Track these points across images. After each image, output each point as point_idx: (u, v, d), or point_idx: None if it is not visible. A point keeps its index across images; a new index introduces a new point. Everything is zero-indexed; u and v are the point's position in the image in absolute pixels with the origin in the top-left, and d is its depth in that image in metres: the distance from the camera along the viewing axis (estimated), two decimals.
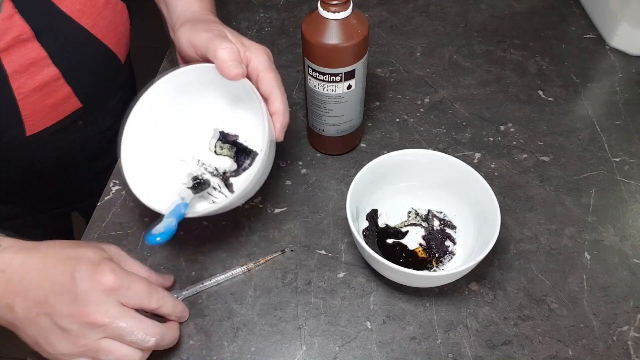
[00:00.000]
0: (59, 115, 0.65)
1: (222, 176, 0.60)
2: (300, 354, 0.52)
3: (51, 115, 0.64)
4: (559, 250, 0.59)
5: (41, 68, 0.59)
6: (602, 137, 0.69)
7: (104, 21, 0.64)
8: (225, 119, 0.61)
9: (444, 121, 0.72)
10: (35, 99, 0.60)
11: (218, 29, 0.55)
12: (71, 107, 0.65)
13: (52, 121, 0.64)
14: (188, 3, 0.61)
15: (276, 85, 0.53)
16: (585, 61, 0.79)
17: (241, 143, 0.61)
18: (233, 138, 0.61)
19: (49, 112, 0.63)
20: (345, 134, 0.65)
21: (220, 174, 0.60)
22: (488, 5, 0.89)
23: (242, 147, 0.61)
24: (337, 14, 0.53)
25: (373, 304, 0.55)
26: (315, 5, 0.55)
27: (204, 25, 0.56)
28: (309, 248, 0.60)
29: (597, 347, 0.52)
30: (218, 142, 0.62)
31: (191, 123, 0.60)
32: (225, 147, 0.61)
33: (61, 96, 0.63)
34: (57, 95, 0.62)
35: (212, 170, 0.60)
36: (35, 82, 0.59)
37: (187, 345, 0.53)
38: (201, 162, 0.61)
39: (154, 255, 0.60)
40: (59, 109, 0.64)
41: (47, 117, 0.63)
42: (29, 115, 0.61)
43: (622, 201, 0.63)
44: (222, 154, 0.61)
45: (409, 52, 0.81)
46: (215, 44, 0.51)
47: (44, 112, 0.62)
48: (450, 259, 0.58)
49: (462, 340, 0.53)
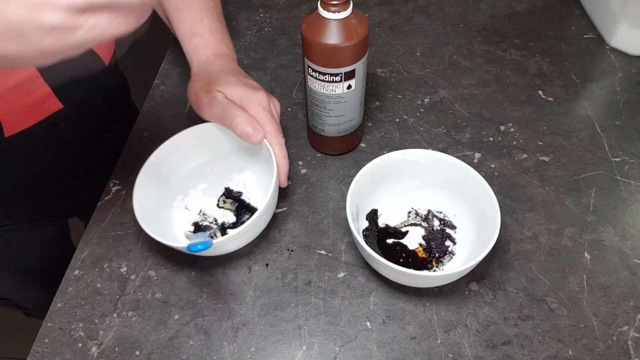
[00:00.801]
0: (39, 115, 0.64)
1: (221, 226, 0.62)
2: (300, 354, 0.52)
3: (30, 116, 0.63)
4: (559, 250, 0.59)
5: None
6: (602, 137, 0.69)
7: None
8: (231, 176, 0.65)
9: (444, 121, 0.72)
10: (12, 98, 0.59)
11: (222, 94, 0.58)
12: (51, 108, 0.65)
13: (31, 122, 0.63)
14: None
15: (275, 139, 0.57)
16: (585, 61, 0.79)
17: (244, 200, 0.64)
18: (237, 194, 0.65)
19: (28, 112, 0.62)
20: (345, 134, 0.65)
21: (219, 225, 0.62)
22: (488, 5, 0.89)
23: (244, 204, 0.64)
24: (337, 14, 0.53)
25: (373, 304, 0.55)
26: (315, 5, 0.55)
27: (208, 87, 0.59)
28: (309, 248, 0.60)
29: (597, 347, 0.52)
30: (222, 197, 0.65)
31: (202, 177, 0.64)
32: (228, 201, 0.64)
33: (40, 96, 0.62)
34: (36, 94, 0.62)
35: (211, 220, 0.63)
36: (12, 81, 0.58)
37: (187, 345, 0.53)
38: (202, 212, 0.63)
39: (154, 256, 0.60)
40: (38, 109, 0.63)
41: (26, 118, 0.62)
42: (7, 115, 0.60)
43: (622, 201, 0.63)
44: (224, 207, 0.64)
45: (409, 52, 0.81)
46: (230, 115, 0.56)
47: (22, 112, 0.61)
48: (450, 259, 0.58)
49: (462, 340, 0.53)
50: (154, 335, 0.54)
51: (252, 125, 0.56)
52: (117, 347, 0.53)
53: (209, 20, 0.66)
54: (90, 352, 0.53)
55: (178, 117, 0.73)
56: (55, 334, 0.55)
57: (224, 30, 0.67)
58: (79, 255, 0.60)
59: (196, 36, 0.65)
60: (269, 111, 0.57)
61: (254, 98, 0.57)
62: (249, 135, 0.55)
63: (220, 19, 0.68)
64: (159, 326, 0.55)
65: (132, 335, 0.54)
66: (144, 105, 0.75)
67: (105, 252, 0.60)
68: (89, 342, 0.54)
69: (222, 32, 0.67)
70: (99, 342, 0.54)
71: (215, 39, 0.65)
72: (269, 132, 0.56)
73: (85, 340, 0.54)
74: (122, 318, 0.55)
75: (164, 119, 0.73)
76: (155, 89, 0.77)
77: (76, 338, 0.54)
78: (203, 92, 0.59)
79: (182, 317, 0.55)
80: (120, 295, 0.57)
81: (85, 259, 0.60)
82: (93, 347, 0.54)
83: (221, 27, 0.67)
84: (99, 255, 0.60)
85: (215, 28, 0.66)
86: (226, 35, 0.67)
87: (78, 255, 0.60)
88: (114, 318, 0.55)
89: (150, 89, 0.78)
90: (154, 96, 0.76)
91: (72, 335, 0.54)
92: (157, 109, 0.75)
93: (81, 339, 0.54)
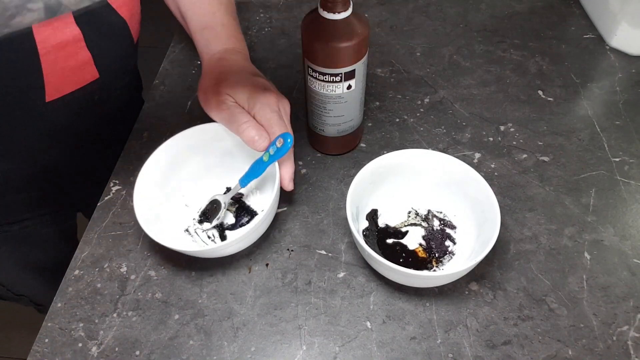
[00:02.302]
0: (78, 82, 0.64)
1: (219, 227, 0.62)
2: (300, 354, 0.52)
3: (71, 81, 0.63)
4: (559, 250, 0.59)
5: (65, 25, 0.59)
6: (602, 137, 0.69)
7: None
8: (232, 176, 0.64)
9: (444, 121, 0.72)
10: (57, 57, 0.60)
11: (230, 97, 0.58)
12: (89, 76, 0.65)
13: (71, 88, 0.64)
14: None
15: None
16: (585, 61, 0.79)
17: (244, 202, 0.64)
18: (238, 196, 0.64)
19: (69, 76, 0.63)
20: (345, 134, 0.65)
21: (217, 226, 0.62)
22: (488, 5, 0.89)
23: (244, 206, 0.64)
24: (337, 14, 0.53)
25: (373, 304, 0.55)
26: (315, 5, 0.55)
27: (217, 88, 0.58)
28: (309, 248, 0.60)
29: (597, 347, 0.52)
30: None
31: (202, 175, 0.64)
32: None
33: (82, 60, 0.63)
34: (78, 58, 0.62)
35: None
36: (57, 39, 0.59)
37: (187, 345, 0.53)
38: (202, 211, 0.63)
39: (154, 255, 0.60)
40: (78, 74, 0.64)
41: (67, 82, 0.63)
42: (50, 75, 0.60)
43: (622, 201, 0.63)
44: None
45: (409, 52, 0.81)
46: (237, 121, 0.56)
47: (65, 75, 0.62)
48: (450, 259, 0.58)
49: (462, 340, 0.53)
50: (154, 335, 0.54)
51: (258, 132, 0.55)
52: (117, 347, 0.53)
53: (221, 14, 0.66)
54: (90, 352, 0.53)
55: (178, 117, 0.73)
56: (55, 334, 0.55)
57: (236, 26, 0.67)
58: (79, 255, 0.60)
59: (207, 30, 0.65)
60: (277, 112, 0.57)
61: (262, 99, 0.56)
62: (254, 142, 0.55)
63: (233, 14, 0.68)
64: (159, 326, 0.55)
65: (132, 335, 0.54)
66: (144, 105, 0.75)
67: (105, 252, 0.60)
68: (89, 342, 0.54)
69: (234, 26, 0.66)
70: (99, 342, 0.54)
71: (226, 33, 0.65)
72: (273, 134, 0.56)
73: (85, 340, 0.54)
74: (122, 318, 0.55)
75: (164, 119, 0.73)
76: (155, 89, 0.77)
77: (76, 338, 0.54)
78: (212, 92, 0.59)
79: (182, 317, 0.55)
80: (121, 295, 0.57)
81: (85, 259, 0.60)
82: (93, 347, 0.54)
83: (233, 21, 0.67)
84: (99, 255, 0.60)
85: (227, 22, 0.66)
86: (238, 30, 0.67)
87: (78, 255, 0.60)
88: (114, 318, 0.55)
89: (150, 89, 0.78)
90: (154, 96, 0.76)
91: (72, 335, 0.54)
92: (157, 109, 0.75)
93: (81, 339, 0.54)
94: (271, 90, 0.58)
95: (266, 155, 0.56)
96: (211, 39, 0.64)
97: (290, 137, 0.54)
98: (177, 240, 0.60)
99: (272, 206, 0.55)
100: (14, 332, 1.45)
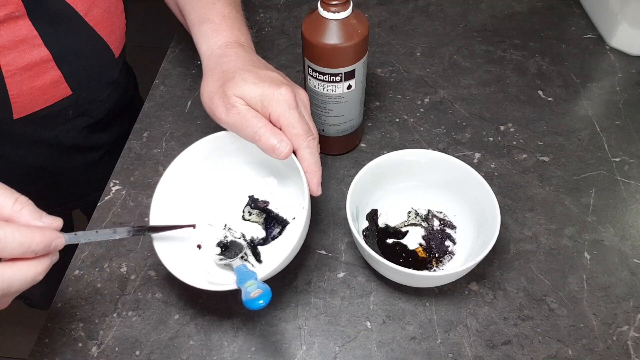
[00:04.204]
0: (48, 100, 0.63)
1: (250, 244, 0.57)
2: (300, 354, 0.52)
3: (40, 99, 0.62)
4: (559, 250, 0.59)
5: (31, 47, 0.58)
6: (602, 137, 0.69)
7: (98, 9, 0.64)
8: (256, 185, 0.59)
9: (444, 121, 0.72)
10: (23, 78, 0.59)
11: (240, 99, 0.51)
12: (61, 93, 0.64)
13: (40, 105, 0.63)
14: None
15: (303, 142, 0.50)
16: (585, 61, 0.79)
17: (272, 210, 0.59)
18: (263, 204, 0.59)
19: (38, 95, 0.62)
20: (345, 134, 0.65)
21: (247, 242, 0.57)
22: (488, 5, 0.89)
23: (272, 215, 0.58)
24: (337, 14, 0.53)
25: (373, 304, 0.55)
26: (315, 5, 0.55)
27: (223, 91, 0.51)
28: (309, 248, 0.60)
29: (597, 347, 0.52)
30: (247, 207, 0.59)
31: (222, 188, 0.59)
32: (254, 212, 0.59)
33: (51, 79, 0.62)
34: (47, 77, 0.61)
35: (238, 236, 0.58)
36: (24, 61, 0.58)
37: (187, 345, 0.53)
38: (228, 226, 0.58)
39: (154, 255, 0.60)
40: (48, 92, 0.62)
41: (36, 101, 0.62)
42: (17, 95, 0.60)
43: (622, 201, 0.63)
44: (250, 220, 0.59)
45: (409, 52, 0.81)
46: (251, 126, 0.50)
47: (33, 94, 0.61)
48: (450, 259, 0.58)
49: (462, 340, 0.53)
50: (154, 335, 0.54)
51: (278, 137, 0.49)
52: (117, 347, 0.54)
53: (221, 4, 0.59)
54: (90, 352, 0.53)
55: (178, 117, 0.73)
56: (55, 334, 0.55)
57: (238, 17, 0.60)
58: (79, 255, 0.60)
59: (206, 22, 0.58)
60: (295, 108, 0.50)
61: (276, 96, 0.50)
62: (275, 149, 0.49)
63: (236, 5, 0.62)
64: (159, 326, 0.55)
65: (132, 335, 0.54)
66: (144, 105, 0.75)
67: (105, 252, 0.60)
68: (89, 342, 0.54)
69: (235, 17, 0.59)
70: (99, 342, 0.54)
71: (227, 25, 0.57)
72: (295, 135, 0.50)
73: (85, 340, 0.54)
74: (122, 318, 0.55)
75: (164, 119, 0.73)
76: (155, 89, 0.77)
77: (76, 338, 0.54)
78: (218, 96, 0.51)
79: (182, 317, 0.55)
80: (121, 295, 0.57)
81: (85, 259, 0.60)
82: (93, 347, 0.54)
83: (235, 12, 0.60)
84: (99, 255, 0.60)
85: (227, 13, 0.59)
86: (241, 21, 0.60)
87: (78, 255, 0.60)
88: (114, 318, 0.55)
89: (150, 89, 0.78)
90: (154, 96, 0.76)
91: (72, 335, 0.54)
92: (157, 109, 0.75)
93: (81, 339, 0.54)
94: (284, 83, 0.51)
95: (252, 286, 0.46)
96: (210, 32, 0.57)
97: (268, 296, 0.44)
98: (206, 271, 0.54)
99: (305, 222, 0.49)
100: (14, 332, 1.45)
